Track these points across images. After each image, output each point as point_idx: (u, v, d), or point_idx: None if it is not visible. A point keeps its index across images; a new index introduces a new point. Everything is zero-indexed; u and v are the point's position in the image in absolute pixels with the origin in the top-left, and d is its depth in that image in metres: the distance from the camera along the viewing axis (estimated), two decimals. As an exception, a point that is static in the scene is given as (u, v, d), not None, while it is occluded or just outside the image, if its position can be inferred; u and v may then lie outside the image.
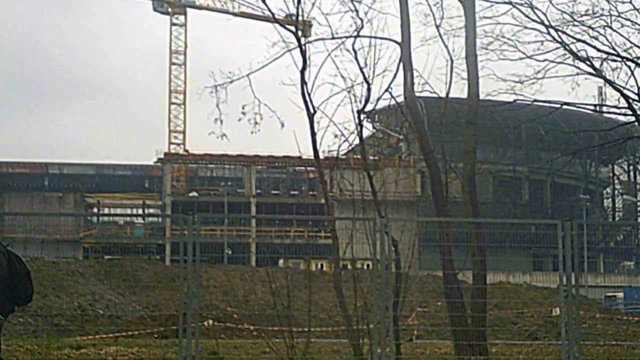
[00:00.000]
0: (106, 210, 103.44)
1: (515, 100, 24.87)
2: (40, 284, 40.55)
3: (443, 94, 21.04)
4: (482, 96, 21.19)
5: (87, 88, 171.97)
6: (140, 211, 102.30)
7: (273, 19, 20.27)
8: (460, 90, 21.55)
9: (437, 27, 21.07)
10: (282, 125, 21.67)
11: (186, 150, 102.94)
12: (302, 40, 20.28)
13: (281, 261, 34.20)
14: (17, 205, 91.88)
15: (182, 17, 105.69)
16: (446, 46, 20.89)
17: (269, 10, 20.45)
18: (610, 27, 23.83)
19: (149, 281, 43.01)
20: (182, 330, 17.16)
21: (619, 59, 24.31)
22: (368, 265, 19.43)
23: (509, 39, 23.51)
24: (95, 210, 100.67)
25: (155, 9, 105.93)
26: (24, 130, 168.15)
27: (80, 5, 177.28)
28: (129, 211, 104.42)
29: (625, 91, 24.37)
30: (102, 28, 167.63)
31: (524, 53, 23.72)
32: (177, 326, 17.46)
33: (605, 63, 24.60)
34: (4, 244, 11.44)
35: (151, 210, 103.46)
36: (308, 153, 21.33)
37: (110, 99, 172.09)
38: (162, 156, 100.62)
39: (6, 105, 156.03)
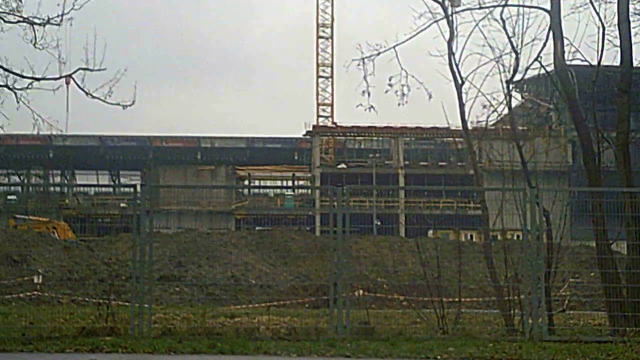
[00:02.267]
0: (257, 183, 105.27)
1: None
2: (195, 254, 41.71)
3: (594, 62, 20.59)
4: (635, 63, 20.59)
5: (235, 64, 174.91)
6: (290, 183, 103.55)
7: (420, -11, 20.22)
8: (612, 58, 21.04)
9: (589, -7, 20.60)
10: (430, 96, 21.70)
11: (334, 123, 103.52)
12: (449, 11, 20.19)
13: (430, 232, 34.02)
14: (172, 178, 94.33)
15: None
16: (597, 13, 20.43)
17: (416, -20, 20.42)
18: None
19: (300, 252, 43.54)
20: (333, 300, 17.42)
21: None
22: (518, 236, 19.30)
23: (664, 3, 22.71)
24: (246, 182, 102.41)
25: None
26: (176, 106, 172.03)
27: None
28: (279, 183, 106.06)
29: None
30: (248, 3, 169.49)
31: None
32: (328, 296, 17.74)
33: None
34: None
35: (301, 182, 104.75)
36: (456, 124, 21.31)
37: (258, 73, 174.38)
38: (310, 129, 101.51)
39: (158, 82, 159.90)
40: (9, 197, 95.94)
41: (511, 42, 19.94)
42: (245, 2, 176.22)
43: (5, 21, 21.36)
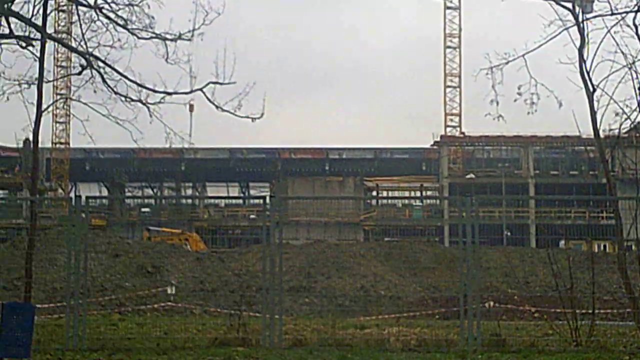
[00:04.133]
0: (384, 193, 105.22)
1: None
2: (324, 265, 41.95)
3: None
4: None
5: (361, 75, 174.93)
6: (418, 194, 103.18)
7: (549, -3, 19.92)
8: None
9: None
10: (560, 104, 21.32)
11: (462, 133, 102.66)
12: (580, 18, 19.84)
13: (562, 242, 33.47)
14: (300, 189, 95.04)
15: (455, 0, 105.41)
16: None
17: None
18: None
19: (429, 263, 43.33)
20: (464, 312, 17.27)
21: None
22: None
23: None
24: (374, 193, 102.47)
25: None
26: (303, 118, 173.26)
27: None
28: (406, 194, 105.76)
29: None
30: (372, 15, 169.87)
31: None
32: (458, 307, 17.58)
33: None
34: None
35: (429, 193, 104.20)
36: (588, 132, 20.85)
37: (385, 84, 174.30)
38: (438, 139, 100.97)
39: (287, 94, 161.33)
40: (142, 209, 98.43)
41: (644, 48, 19.48)
42: (370, 14, 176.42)
43: (138, 37, 21.87)
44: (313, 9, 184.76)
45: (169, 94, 21.70)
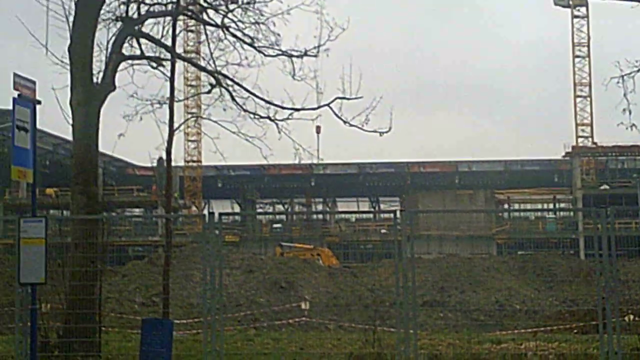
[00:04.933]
0: (516, 206, 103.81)
1: None
2: (457, 280, 41.61)
3: None
4: None
5: (487, 86, 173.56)
6: (550, 206, 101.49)
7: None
8: None
9: None
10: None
11: (594, 143, 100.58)
12: None
13: None
14: (430, 203, 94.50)
15: (583, 9, 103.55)
16: None
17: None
18: None
19: (564, 276, 42.50)
20: (602, 326, 16.85)
21: None
22: None
23: None
24: (505, 206, 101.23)
25: (556, 3, 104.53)
26: (431, 131, 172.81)
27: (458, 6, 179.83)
28: (539, 206, 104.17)
29: None
30: (497, 27, 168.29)
31: None
32: (597, 321, 17.17)
33: None
34: None
35: (562, 205, 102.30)
36: None
37: (511, 95, 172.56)
38: (569, 150, 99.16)
39: (414, 107, 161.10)
40: (274, 225, 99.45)
41: None
42: (495, 27, 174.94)
43: (265, 55, 22.10)
44: (438, 23, 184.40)
45: (297, 110, 21.81)
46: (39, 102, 16.40)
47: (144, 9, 21.19)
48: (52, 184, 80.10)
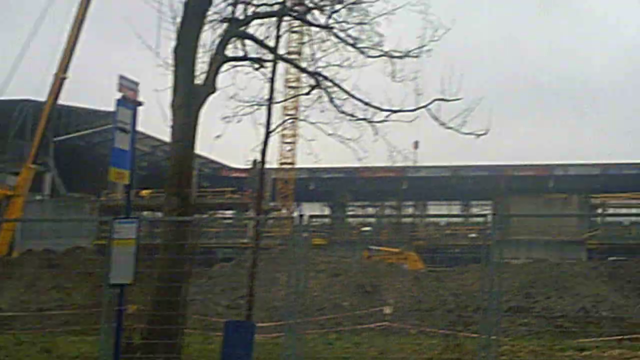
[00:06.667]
0: (611, 210, 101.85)
1: None
2: (545, 285, 41.12)
3: None
4: None
5: (582, 92, 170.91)
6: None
7: None
8: None
9: None
10: None
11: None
12: None
13: None
14: (523, 207, 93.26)
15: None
16: None
17: None
18: None
19: (659, 283, 41.56)
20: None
21: None
22: None
23: None
24: (599, 210, 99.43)
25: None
26: (528, 134, 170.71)
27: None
28: (633, 211, 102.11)
29: None
30: (594, 29, 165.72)
31: None
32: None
33: None
34: None
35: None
36: None
37: (615, 99, 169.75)
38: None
39: (513, 111, 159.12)
40: (363, 228, 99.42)
41: None
42: (592, 30, 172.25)
43: (368, 56, 22.01)
44: (537, 25, 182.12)
45: (395, 111, 21.55)
46: (141, 104, 16.70)
47: (250, 10, 21.37)
48: (148, 186, 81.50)
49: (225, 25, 20.67)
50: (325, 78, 22.01)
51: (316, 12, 22.21)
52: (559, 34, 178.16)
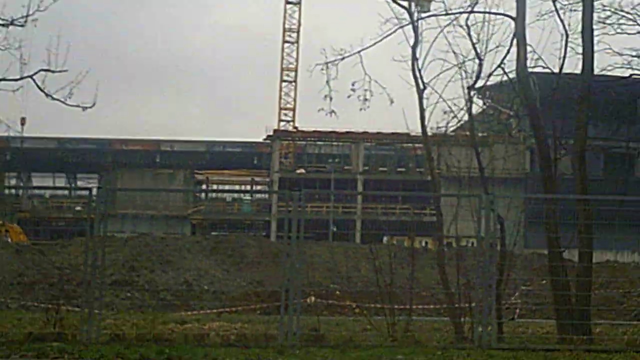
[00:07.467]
0: (214, 187, 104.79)
1: (631, 75, 24.21)
2: (149, 259, 41.33)
3: (556, 69, 20.54)
4: (596, 71, 20.50)
5: (194, 69, 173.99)
6: (248, 187, 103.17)
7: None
8: (574, 66, 20.93)
9: (554, 1, 20.53)
10: (392, 101, 21.57)
11: (295, 127, 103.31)
12: (415, 17, 20.15)
13: (385, 238, 34.01)
14: (129, 181, 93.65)
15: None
16: (562, 20, 20.36)
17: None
18: None
19: (254, 257, 43.19)
20: (284, 307, 17.23)
21: None
22: (472, 243, 19.24)
23: (627, 12, 22.62)
24: (204, 186, 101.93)
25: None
26: (137, 110, 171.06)
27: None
28: (236, 187, 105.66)
29: None
30: (212, 8, 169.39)
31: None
32: (280, 302, 17.54)
33: None
34: None
35: (259, 187, 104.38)
36: (416, 130, 21.16)
37: (219, 78, 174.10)
38: (271, 133, 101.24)
39: (118, 85, 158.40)
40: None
41: (475, 49, 19.85)
42: (209, 8, 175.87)
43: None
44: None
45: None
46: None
47: None
48: None
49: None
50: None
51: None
52: (167, 8, 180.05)
